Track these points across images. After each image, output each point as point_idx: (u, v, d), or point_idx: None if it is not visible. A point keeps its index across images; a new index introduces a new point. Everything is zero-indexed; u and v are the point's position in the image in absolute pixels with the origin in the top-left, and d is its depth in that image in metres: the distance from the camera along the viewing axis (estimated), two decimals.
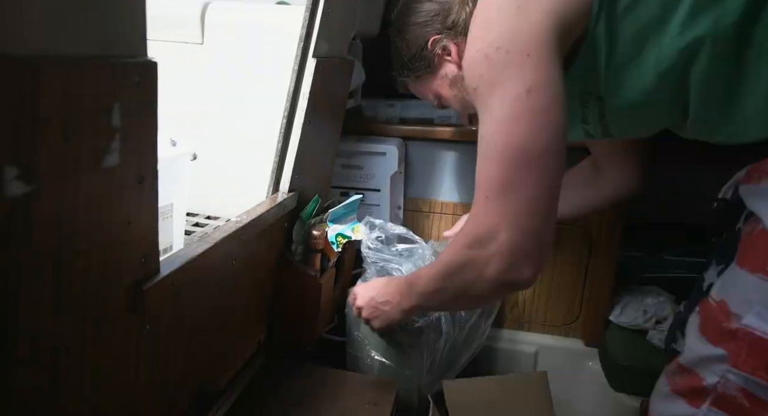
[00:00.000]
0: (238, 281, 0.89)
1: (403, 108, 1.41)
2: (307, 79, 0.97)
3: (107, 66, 0.47)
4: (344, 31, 1.10)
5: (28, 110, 0.40)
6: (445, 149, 1.40)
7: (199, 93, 1.14)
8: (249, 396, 0.95)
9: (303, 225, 1.05)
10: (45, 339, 0.47)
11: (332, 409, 0.94)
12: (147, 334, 0.64)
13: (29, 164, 0.41)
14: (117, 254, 0.54)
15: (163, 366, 0.70)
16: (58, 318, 0.48)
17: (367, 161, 1.34)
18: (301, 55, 0.96)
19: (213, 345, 0.84)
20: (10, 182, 0.39)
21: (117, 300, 0.56)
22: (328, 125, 1.15)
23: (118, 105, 0.49)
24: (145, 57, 0.52)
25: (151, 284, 0.60)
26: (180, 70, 1.13)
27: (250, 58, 1.11)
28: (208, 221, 1.12)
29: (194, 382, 0.80)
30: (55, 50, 0.42)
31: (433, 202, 1.44)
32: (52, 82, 0.41)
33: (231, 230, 0.79)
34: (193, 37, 1.12)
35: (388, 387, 1.01)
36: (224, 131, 1.14)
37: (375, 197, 1.36)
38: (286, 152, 1.00)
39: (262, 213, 0.88)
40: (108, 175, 0.50)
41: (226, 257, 0.81)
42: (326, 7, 0.95)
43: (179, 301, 0.70)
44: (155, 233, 0.60)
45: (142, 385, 0.65)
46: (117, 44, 0.48)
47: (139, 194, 0.55)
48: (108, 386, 0.58)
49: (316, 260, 1.06)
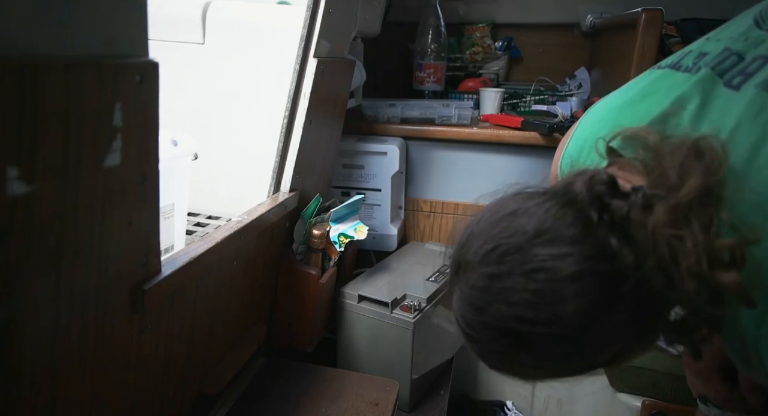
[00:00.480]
0: (238, 280, 0.89)
1: (404, 108, 1.41)
2: (308, 79, 0.97)
3: (108, 66, 0.47)
4: (345, 31, 1.10)
5: (29, 110, 0.40)
6: (446, 149, 1.40)
7: (200, 93, 1.14)
8: (249, 396, 0.95)
9: (304, 225, 1.05)
10: (45, 339, 0.47)
11: (332, 409, 0.94)
12: (147, 334, 0.64)
13: (30, 164, 0.41)
14: (118, 254, 0.54)
15: (163, 366, 0.70)
16: (58, 317, 0.48)
17: (368, 160, 1.34)
18: (302, 55, 0.96)
19: (213, 345, 0.84)
20: (12, 182, 0.39)
21: (117, 300, 0.56)
22: (329, 125, 1.15)
23: (119, 105, 0.49)
24: (146, 57, 0.52)
25: (151, 284, 0.60)
26: (181, 70, 1.13)
27: (251, 58, 1.11)
28: (209, 220, 1.12)
29: (194, 382, 0.80)
30: (55, 50, 0.42)
31: (434, 202, 1.44)
32: (53, 82, 0.41)
33: (232, 229, 0.79)
34: (195, 37, 1.12)
35: (389, 387, 1.01)
36: (225, 131, 1.14)
37: (376, 196, 1.36)
38: (287, 152, 0.99)
39: (263, 213, 0.88)
40: (109, 175, 0.50)
41: (227, 256, 0.81)
42: (327, 7, 0.94)
43: (180, 301, 0.70)
44: (156, 233, 0.60)
45: (142, 385, 0.65)
46: (118, 44, 0.48)
47: (140, 194, 0.55)
48: (108, 386, 0.58)
49: (318, 260, 1.06)
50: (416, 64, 1.60)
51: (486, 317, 0.49)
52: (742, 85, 0.51)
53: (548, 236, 0.47)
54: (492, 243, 0.48)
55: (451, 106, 1.40)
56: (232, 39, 1.12)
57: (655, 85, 0.61)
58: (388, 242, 1.40)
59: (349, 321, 1.15)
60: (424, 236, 1.48)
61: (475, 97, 1.60)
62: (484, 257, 0.49)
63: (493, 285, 0.48)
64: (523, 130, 1.33)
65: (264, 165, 1.00)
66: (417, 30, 1.58)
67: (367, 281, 1.19)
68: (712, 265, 0.43)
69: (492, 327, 0.49)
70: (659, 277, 0.44)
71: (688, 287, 0.43)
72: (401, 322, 1.08)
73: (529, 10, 1.69)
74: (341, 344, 1.18)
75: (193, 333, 0.76)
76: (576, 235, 0.46)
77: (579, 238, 0.46)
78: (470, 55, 1.71)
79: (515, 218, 0.49)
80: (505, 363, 0.53)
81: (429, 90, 1.62)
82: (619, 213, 0.46)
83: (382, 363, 1.12)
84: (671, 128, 0.51)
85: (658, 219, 0.44)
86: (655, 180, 0.46)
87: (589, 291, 0.46)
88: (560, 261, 0.46)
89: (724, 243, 0.43)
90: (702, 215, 0.44)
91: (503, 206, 0.51)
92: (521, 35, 1.74)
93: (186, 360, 0.75)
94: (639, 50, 1.14)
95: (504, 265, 0.47)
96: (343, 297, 1.15)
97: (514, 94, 1.61)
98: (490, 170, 1.38)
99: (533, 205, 0.49)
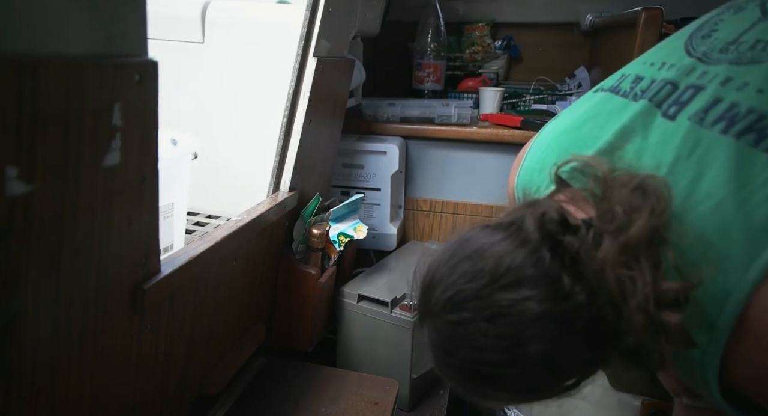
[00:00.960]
0: (238, 280, 0.89)
1: (403, 107, 1.41)
2: (308, 79, 0.97)
3: (107, 65, 0.47)
4: (345, 30, 1.10)
5: (29, 109, 0.40)
6: (445, 149, 1.40)
7: (199, 92, 1.14)
8: (249, 396, 0.95)
9: (304, 224, 1.05)
10: (45, 339, 0.47)
11: (332, 409, 0.94)
12: (147, 334, 0.64)
13: (30, 164, 0.41)
14: (117, 253, 0.54)
15: (163, 366, 0.70)
16: (58, 317, 0.48)
17: (367, 160, 1.34)
18: (301, 55, 0.96)
19: (213, 345, 0.84)
20: (11, 182, 0.39)
21: (117, 300, 0.56)
22: (329, 124, 1.15)
23: (118, 104, 0.48)
24: (145, 56, 0.52)
25: (151, 283, 0.60)
26: (180, 69, 1.12)
27: (250, 57, 1.11)
28: (208, 220, 1.12)
29: (194, 382, 0.80)
30: (55, 50, 0.42)
31: (434, 201, 1.44)
32: (53, 81, 0.41)
33: (232, 229, 0.79)
34: (194, 37, 1.12)
35: (389, 387, 1.01)
36: (225, 130, 1.14)
37: (376, 196, 1.36)
38: (287, 151, 0.99)
39: (262, 212, 0.87)
40: (108, 174, 0.50)
41: (226, 256, 0.81)
42: (327, 6, 0.94)
43: (180, 301, 0.70)
44: (156, 232, 0.60)
45: (142, 385, 0.65)
46: (117, 43, 0.48)
47: (139, 194, 0.55)
48: (108, 386, 0.58)
49: (317, 259, 1.06)
50: (416, 63, 1.60)
51: (455, 360, 0.52)
52: (677, 115, 0.53)
53: (505, 280, 0.49)
54: (452, 290, 0.50)
55: (451, 105, 1.40)
56: (232, 38, 1.12)
57: (597, 109, 0.64)
58: (387, 242, 1.40)
59: (348, 321, 1.15)
60: (424, 235, 1.48)
61: (474, 97, 1.60)
62: (446, 305, 0.51)
63: (457, 331, 0.50)
64: (523, 129, 1.33)
65: (263, 164, 1.00)
66: (417, 29, 1.58)
67: (366, 281, 1.19)
68: (658, 305, 0.45)
69: (460, 368, 0.52)
70: (610, 311, 0.47)
71: (637, 322, 0.45)
72: (401, 321, 1.08)
73: (528, 10, 1.69)
74: (341, 343, 1.18)
75: (193, 333, 0.76)
76: (532, 276, 0.48)
77: (535, 279, 0.48)
78: (470, 54, 1.71)
79: (472, 262, 0.51)
80: (477, 396, 0.55)
81: (429, 89, 1.62)
82: (570, 249, 0.48)
83: (381, 362, 1.12)
84: (617, 160, 0.53)
85: (607, 256, 0.46)
86: (604, 214, 0.48)
87: (549, 331, 0.48)
88: (519, 305, 0.48)
89: (670, 287, 0.45)
90: (650, 255, 0.45)
91: (461, 247, 0.53)
92: (521, 34, 1.74)
93: (186, 360, 0.75)
94: (639, 49, 1.14)
95: (465, 312, 0.49)
96: (343, 297, 1.15)
97: (514, 94, 1.61)
98: (489, 169, 1.38)
99: (489, 245, 0.51)
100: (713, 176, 0.48)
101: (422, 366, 1.15)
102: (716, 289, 0.45)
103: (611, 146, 0.57)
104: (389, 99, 1.43)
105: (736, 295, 0.44)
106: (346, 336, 1.17)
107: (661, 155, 0.53)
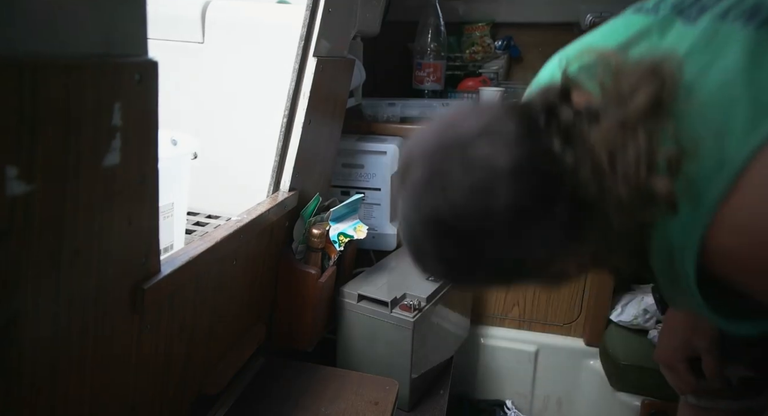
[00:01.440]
0: (238, 280, 0.89)
1: (403, 107, 1.40)
2: (308, 79, 0.97)
3: (107, 65, 0.47)
4: (345, 30, 1.10)
5: (29, 109, 0.40)
6: None
7: (199, 92, 1.14)
8: (249, 396, 0.95)
9: (304, 224, 1.05)
10: (45, 339, 0.47)
11: (332, 409, 0.94)
12: (147, 334, 0.64)
13: (30, 164, 0.41)
14: (117, 253, 0.54)
15: (163, 366, 0.70)
16: (58, 317, 0.48)
17: (367, 160, 1.34)
18: (301, 55, 0.96)
19: (213, 345, 0.84)
20: (11, 182, 0.39)
21: (117, 300, 0.56)
22: (329, 124, 1.15)
23: (118, 104, 0.48)
24: (145, 56, 0.52)
25: (151, 283, 0.60)
26: (180, 69, 1.12)
27: (250, 57, 1.10)
28: (208, 220, 1.11)
29: (194, 382, 0.80)
30: (55, 50, 0.42)
31: None
32: (52, 81, 0.41)
33: (232, 229, 0.79)
34: (194, 37, 1.12)
35: (389, 387, 1.01)
36: (225, 130, 1.14)
37: (375, 196, 1.36)
38: (287, 151, 0.99)
39: (262, 212, 0.87)
40: (108, 174, 0.50)
41: (226, 256, 0.81)
42: (327, 6, 0.94)
43: (180, 301, 0.70)
44: (156, 232, 0.60)
45: (142, 385, 0.65)
46: (117, 44, 0.48)
47: (139, 194, 0.55)
48: (108, 386, 0.58)
49: (317, 259, 1.06)
50: (416, 63, 1.60)
51: (422, 212, 0.50)
52: (699, 18, 0.53)
53: (492, 134, 0.48)
54: (438, 140, 0.50)
55: (451, 105, 1.39)
56: (232, 38, 1.12)
57: (615, 23, 0.63)
58: (387, 242, 1.39)
59: (348, 321, 1.15)
60: None
61: (474, 97, 1.60)
62: (428, 153, 0.50)
63: (433, 179, 0.49)
64: None
65: (263, 164, 1.00)
66: (417, 29, 1.58)
67: (366, 281, 1.19)
68: (649, 172, 0.44)
69: (427, 221, 0.50)
70: (593, 184, 0.45)
71: (621, 193, 0.44)
72: (401, 321, 1.08)
73: (528, 10, 1.69)
74: (341, 343, 1.18)
75: (193, 333, 0.76)
76: (520, 134, 0.47)
77: (522, 137, 0.47)
78: (470, 54, 1.71)
79: (464, 121, 0.50)
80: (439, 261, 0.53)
81: (429, 89, 1.62)
82: (565, 119, 0.47)
83: (381, 362, 1.12)
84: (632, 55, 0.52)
85: (602, 129, 0.45)
86: (609, 98, 0.47)
87: (523, 188, 0.46)
88: (500, 156, 0.46)
89: (666, 152, 0.44)
90: (649, 126, 0.45)
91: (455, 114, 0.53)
92: (521, 34, 1.73)
93: (186, 360, 0.75)
94: None
95: (445, 160, 0.48)
96: (343, 297, 1.15)
97: (514, 94, 1.61)
98: None
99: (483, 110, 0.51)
100: (727, 61, 0.48)
101: (422, 366, 1.15)
102: (712, 163, 0.44)
103: (627, 42, 0.56)
104: (389, 99, 1.42)
105: (732, 164, 0.43)
106: (346, 336, 1.17)
107: (676, 46, 0.52)
